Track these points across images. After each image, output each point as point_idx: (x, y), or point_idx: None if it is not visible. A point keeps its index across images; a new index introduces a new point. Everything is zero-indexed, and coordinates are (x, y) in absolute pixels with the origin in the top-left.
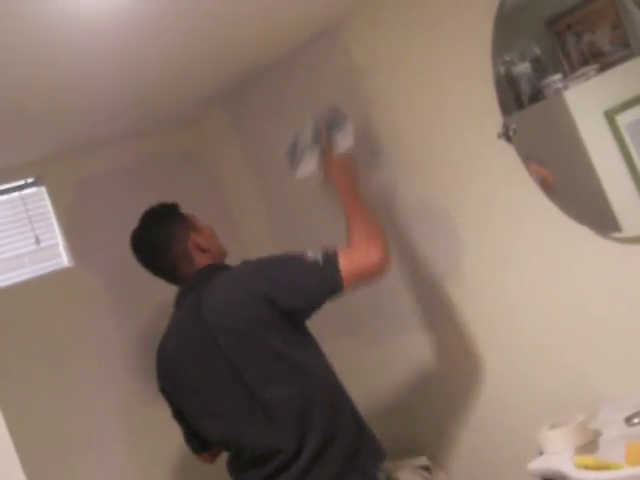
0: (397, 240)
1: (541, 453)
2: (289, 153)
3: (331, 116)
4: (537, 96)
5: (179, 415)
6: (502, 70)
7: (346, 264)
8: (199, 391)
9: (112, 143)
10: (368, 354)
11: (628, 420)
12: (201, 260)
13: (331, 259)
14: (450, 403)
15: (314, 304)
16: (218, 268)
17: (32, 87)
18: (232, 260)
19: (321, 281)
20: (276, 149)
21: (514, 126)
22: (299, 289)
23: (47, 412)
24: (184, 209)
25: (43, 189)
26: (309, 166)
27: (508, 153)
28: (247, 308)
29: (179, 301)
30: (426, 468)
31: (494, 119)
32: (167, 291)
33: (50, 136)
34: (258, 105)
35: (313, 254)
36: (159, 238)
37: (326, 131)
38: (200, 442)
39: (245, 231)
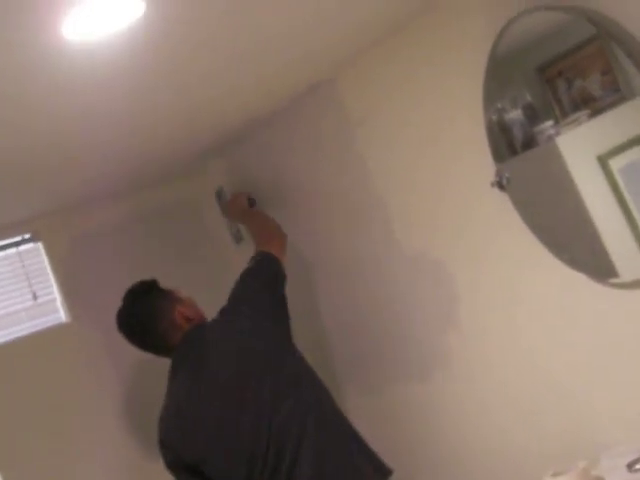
0: (392, 289)
1: None
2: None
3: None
4: (530, 143)
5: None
6: (494, 117)
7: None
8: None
9: (109, 198)
10: (366, 403)
11: (630, 466)
12: (188, 327)
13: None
14: (449, 451)
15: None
16: (201, 326)
17: (29, 145)
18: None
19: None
20: (271, 200)
21: (507, 174)
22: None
23: (43, 468)
24: (181, 261)
25: (40, 245)
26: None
27: (502, 201)
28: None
29: (176, 371)
30: None
31: (487, 167)
32: None
33: (47, 192)
34: (254, 157)
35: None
36: (145, 313)
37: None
38: None
39: None
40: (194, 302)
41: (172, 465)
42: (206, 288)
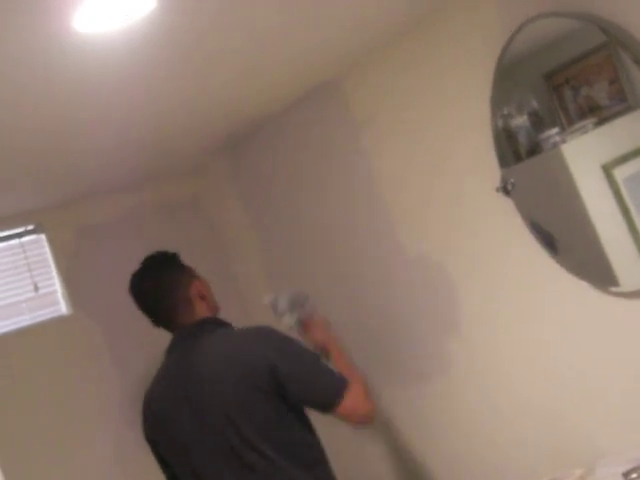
0: (395, 293)
1: None
2: (271, 307)
3: (298, 294)
4: (535, 149)
5: (164, 465)
6: (500, 123)
7: (352, 397)
8: (187, 445)
9: (112, 192)
10: None
11: (626, 475)
12: (201, 309)
13: (342, 378)
14: (448, 453)
15: (305, 398)
16: (219, 323)
17: (33, 136)
18: (229, 309)
19: (327, 386)
20: (275, 200)
21: (512, 180)
22: (308, 380)
23: (43, 460)
24: (183, 257)
25: (43, 237)
26: (287, 324)
27: (506, 207)
28: (252, 372)
29: (173, 348)
30: None
31: (493, 172)
32: (165, 339)
33: (50, 184)
34: (258, 156)
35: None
36: (162, 281)
37: (297, 305)
38: None
39: (243, 280)
40: (210, 286)
41: (148, 442)
42: (210, 282)
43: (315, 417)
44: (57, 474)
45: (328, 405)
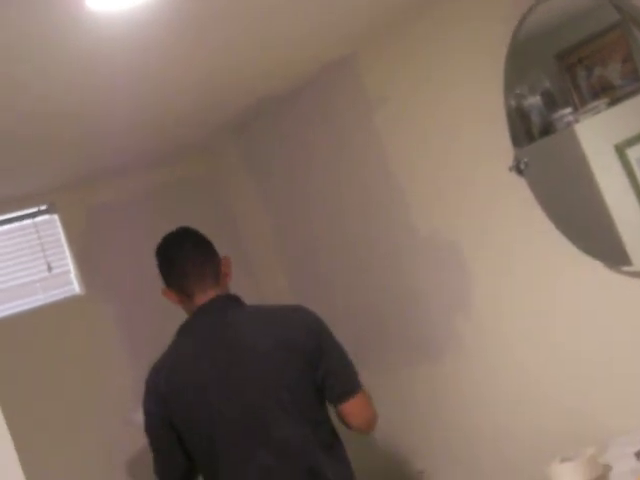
0: (406, 273)
1: None
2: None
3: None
4: (548, 129)
5: (174, 445)
6: (513, 103)
7: (362, 398)
8: (212, 418)
9: (125, 172)
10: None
11: (638, 455)
12: (224, 285)
13: (358, 381)
14: (454, 440)
15: (329, 379)
16: (239, 301)
17: (46, 117)
18: (241, 288)
19: (350, 376)
20: (287, 179)
21: (525, 159)
22: (338, 364)
23: (54, 438)
24: None
25: (56, 217)
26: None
27: (519, 186)
28: (300, 346)
29: (198, 320)
30: None
31: (506, 152)
32: (179, 318)
33: (63, 165)
34: (270, 135)
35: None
36: (202, 245)
37: None
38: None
39: (255, 259)
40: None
41: (154, 420)
42: None
43: None
44: (67, 452)
45: (344, 394)
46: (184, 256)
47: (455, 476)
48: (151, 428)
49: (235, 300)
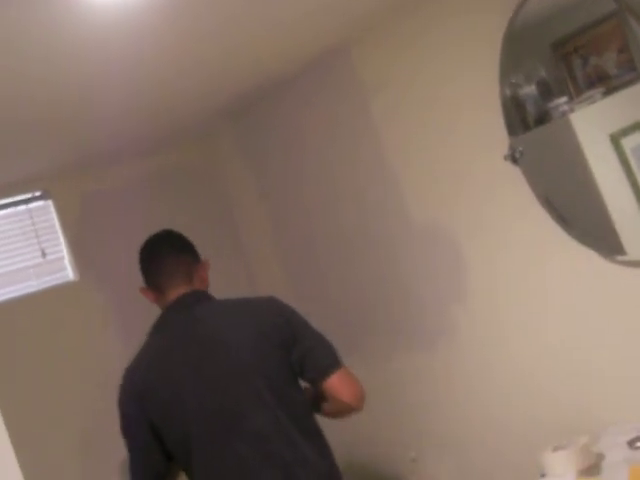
0: (401, 261)
1: (543, 476)
2: None
3: None
4: (543, 118)
5: (152, 437)
6: (508, 92)
7: (345, 372)
8: (188, 408)
9: (120, 159)
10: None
11: (631, 443)
12: (197, 285)
13: (338, 357)
14: (446, 427)
15: (305, 360)
16: (208, 296)
17: (42, 103)
18: (236, 277)
19: (327, 353)
20: (283, 165)
21: (520, 148)
22: (312, 344)
23: (49, 427)
24: (191, 224)
25: (50, 203)
26: None
27: (514, 175)
28: (271, 331)
29: (169, 318)
30: None
31: (501, 141)
32: None
33: (58, 151)
34: (267, 123)
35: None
36: (188, 243)
37: None
38: (162, 469)
39: (250, 247)
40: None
41: (132, 420)
42: (216, 250)
43: None
44: (58, 437)
45: (326, 370)
46: (160, 255)
47: (447, 464)
48: (128, 429)
49: (204, 295)
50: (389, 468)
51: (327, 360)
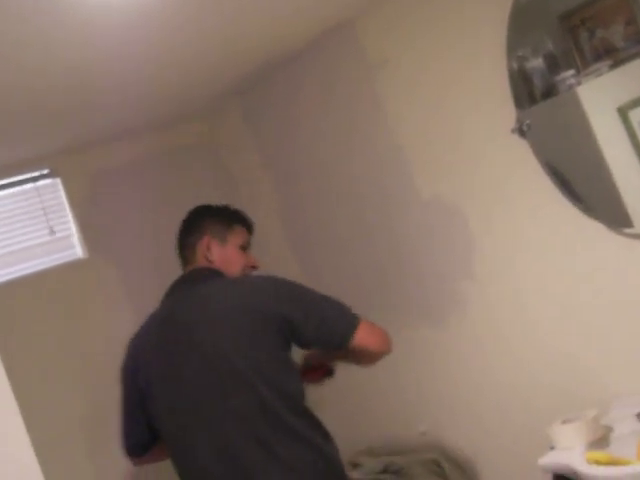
0: (410, 236)
1: (552, 448)
2: None
3: None
4: (550, 91)
5: (136, 407)
6: (515, 65)
7: (365, 324)
8: (179, 382)
9: (126, 136)
10: None
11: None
12: (204, 261)
13: (353, 314)
14: (457, 401)
15: (321, 339)
16: (213, 274)
17: (48, 82)
18: None
19: (339, 321)
20: (289, 143)
21: (528, 121)
22: (321, 323)
23: (61, 404)
24: (196, 201)
25: (58, 180)
26: None
27: (522, 148)
28: (258, 319)
29: (169, 293)
30: (437, 463)
31: (508, 114)
32: None
33: (65, 129)
34: (272, 99)
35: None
36: (217, 216)
37: None
38: (145, 440)
39: (257, 225)
40: (239, 261)
41: (123, 386)
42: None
43: None
44: (70, 414)
45: (345, 336)
46: (182, 229)
47: (457, 437)
48: (121, 393)
49: (210, 272)
50: (399, 442)
51: (343, 324)
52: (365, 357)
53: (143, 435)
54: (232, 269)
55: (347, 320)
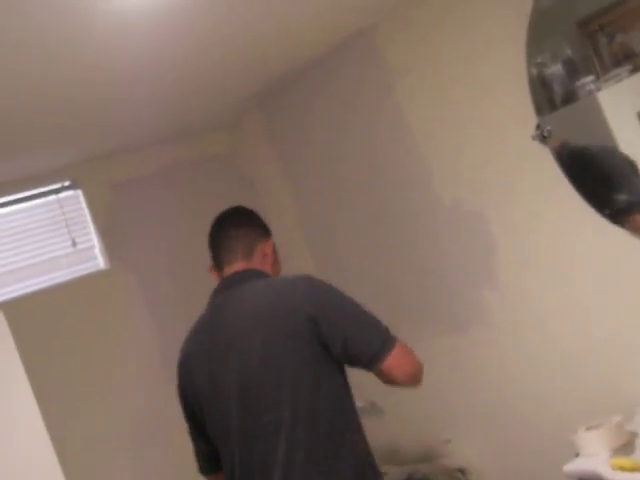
0: (429, 242)
1: (577, 455)
2: None
3: None
4: (570, 97)
5: (197, 430)
6: (535, 72)
7: (399, 351)
8: (211, 397)
9: (147, 147)
10: None
11: None
12: (256, 262)
13: (390, 334)
14: (481, 409)
15: (350, 350)
16: (259, 275)
17: (69, 92)
18: None
19: (372, 336)
20: (310, 152)
21: (548, 127)
22: (351, 331)
23: (83, 412)
24: (218, 211)
25: (79, 192)
26: None
27: (543, 155)
28: (289, 322)
29: (215, 296)
30: (461, 471)
31: (529, 120)
32: (204, 293)
33: (86, 140)
34: (292, 108)
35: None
36: (254, 219)
37: None
38: (214, 459)
39: (276, 232)
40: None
41: (181, 403)
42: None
43: None
44: (93, 422)
45: (375, 356)
46: (220, 231)
47: (481, 445)
48: (183, 411)
49: (255, 273)
50: (424, 450)
51: (374, 345)
52: (388, 383)
53: (208, 451)
54: (274, 272)
55: (378, 343)
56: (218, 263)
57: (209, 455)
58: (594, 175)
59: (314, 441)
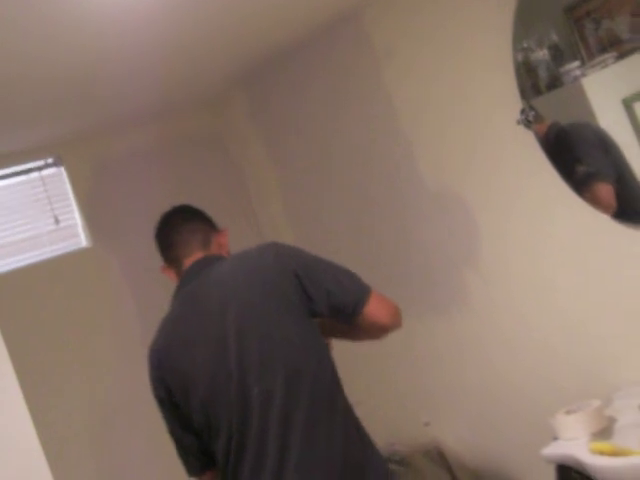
0: (413, 226)
1: (555, 439)
2: None
3: None
4: (555, 83)
5: (185, 426)
6: (520, 57)
7: (376, 295)
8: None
9: (132, 125)
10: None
11: None
12: (214, 251)
13: (363, 281)
14: (460, 392)
15: (333, 300)
16: (220, 258)
17: (53, 69)
18: (248, 244)
19: (351, 284)
20: (294, 134)
21: (533, 112)
22: (332, 282)
23: (65, 391)
24: (202, 192)
25: (62, 169)
26: None
27: (527, 139)
28: (276, 281)
29: (181, 288)
30: (439, 453)
31: (513, 105)
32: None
33: (70, 117)
34: (277, 90)
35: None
36: (203, 214)
37: None
38: (205, 456)
39: (262, 213)
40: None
41: (161, 402)
42: (227, 216)
43: None
44: (73, 400)
45: (358, 304)
46: (173, 227)
47: (459, 427)
48: (161, 411)
49: (216, 258)
50: (402, 433)
51: (353, 294)
52: (374, 331)
53: (198, 444)
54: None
55: (356, 292)
56: (174, 259)
57: (200, 449)
58: (571, 151)
59: (313, 404)
